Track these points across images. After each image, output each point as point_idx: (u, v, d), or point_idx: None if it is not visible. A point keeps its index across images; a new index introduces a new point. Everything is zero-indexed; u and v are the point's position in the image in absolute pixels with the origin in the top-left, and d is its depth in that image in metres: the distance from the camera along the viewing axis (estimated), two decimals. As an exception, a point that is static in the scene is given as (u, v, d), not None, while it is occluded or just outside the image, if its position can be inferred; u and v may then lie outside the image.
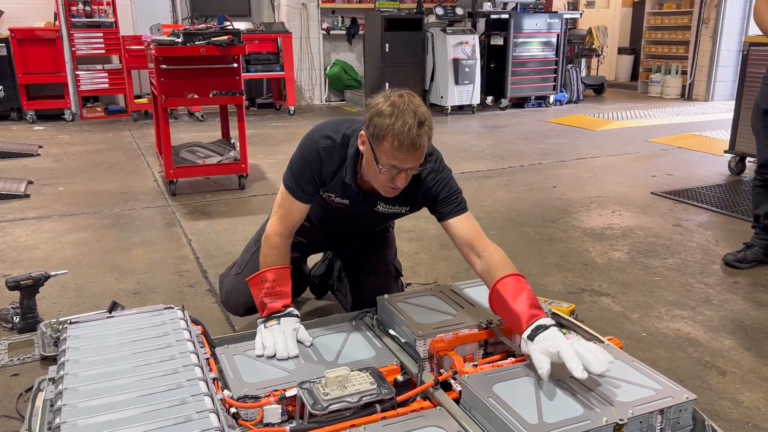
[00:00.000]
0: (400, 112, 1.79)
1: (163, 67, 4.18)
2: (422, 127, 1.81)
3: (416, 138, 1.79)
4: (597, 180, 5.05)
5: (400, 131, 1.78)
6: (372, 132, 1.83)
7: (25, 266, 3.20)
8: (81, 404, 1.42)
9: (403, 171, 1.88)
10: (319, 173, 2.08)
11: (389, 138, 1.80)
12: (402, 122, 1.78)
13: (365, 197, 2.14)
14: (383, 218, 2.37)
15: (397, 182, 1.92)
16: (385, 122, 1.79)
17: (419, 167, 1.92)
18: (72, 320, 1.82)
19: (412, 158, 1.84)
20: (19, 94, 7.79)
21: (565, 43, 9.15)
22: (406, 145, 1.79)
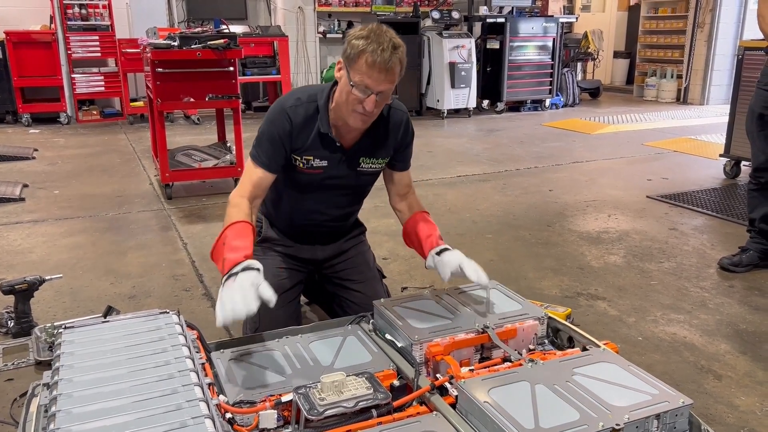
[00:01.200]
0: (376, 35, 1.92)
1: (159, 70, 4.17)
2: (396, 51, 1.91)
3: (389, 58, 1.89)
4: (593, 183, 5.06)
5: (374, 50, 1.89)
6: (348, 53, 1.95)
7: (19, 270, 3.19)
8: (75, 410, 1.41)
9: (372, 93, 1.95)
10: (289, 135, 2.11)
11: (363, 56, 1.90)
12: (377, 44, 1.90)
13: (347, 154, 2.18)
14: (365, 181, 2.35)
15: (366, 104, 1.97)
16: (360, 43, 1.91)
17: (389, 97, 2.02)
18: (67, 325, 1.81)
19: (383, 79, 1.93)
20: (15, 97, 7.78)
21: (561, 47, 9.18)
22: (378, 62, 1.89)
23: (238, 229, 1.96)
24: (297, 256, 2.44)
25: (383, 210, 4.03)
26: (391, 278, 3.14)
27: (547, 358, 1.79)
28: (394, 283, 3.06)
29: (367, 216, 2.59)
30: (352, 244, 2.53)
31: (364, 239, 2.61)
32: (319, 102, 2.11)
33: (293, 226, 2.40)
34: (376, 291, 2.47)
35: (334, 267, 2.49)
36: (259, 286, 1.76)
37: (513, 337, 1.99)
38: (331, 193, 2.30)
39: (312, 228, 2.41)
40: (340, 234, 2.49)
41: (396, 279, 3.11)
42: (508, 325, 1.99)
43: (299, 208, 2.35)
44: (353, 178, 2.26)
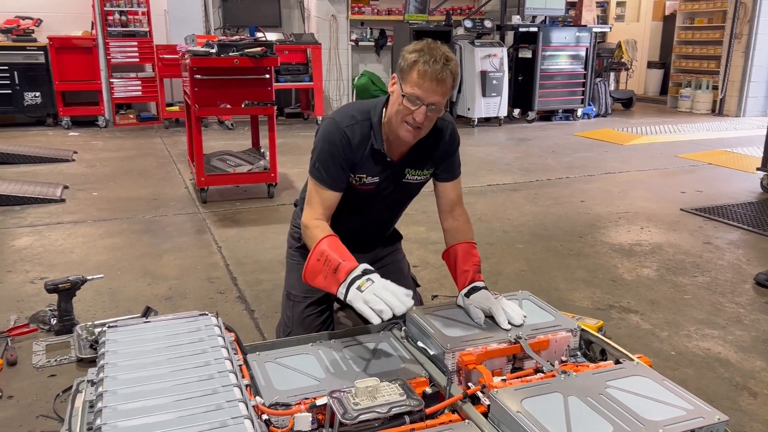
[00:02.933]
0: (429, 49, 1.96)
1: (197, 77, 4.27)
2: (448, 64, 1.94)
3: (441, 71, 1.93)
4: (625, 195, 5.02)
5: (426, 62, 1.93)
6: (401, 66, 1.99)
7: (60, 269, 3.29)
8: (121, 407, 1.46)
9: (423, 105, 1.97)
10: (349, 154, 2.13)
11: (416, 67, 1.94)
12: (430, 56, 1.93)
13: (394, 168, 2.20)
14: (410, 192, 2.38)
15: (416, 115, 1.99)
16: (414, 56, 1.95)
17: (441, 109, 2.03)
18: (110, 324, 1.87)
19: (433, 91, 1.95)
20: (56, 101, 8.00)
21: (593, 56, 9.12)
22: (430, 74, 1.92)
23: (333, 241, 2.01)
24: None
25: (414, 217, 4.06)
26: (421, 286, 3.16)
27: (580, 370, 1.79)
28: (425, 290, 3.08)
29: (398, 223, 2.62)
30: (388, 252, 2.57)
31: (399, 247, 2.64)
32: (373, 119, 2.14)
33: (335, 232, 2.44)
34: None
35: None
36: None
37: (545, 349, 1.99)
38: (378, 205, 2.34)
39: (353, 237, 2.44)
40: (380, 241, 2.53)
41: (426, 287, 3.13)
42: (541, 336, 1.99)
43: (344, 219, 2.38)
44: (399, 189, 2.29)
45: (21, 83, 7.84)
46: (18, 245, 3.71)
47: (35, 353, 2.44)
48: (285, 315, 2.48)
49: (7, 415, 2.06)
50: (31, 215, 4.32)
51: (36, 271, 3.30)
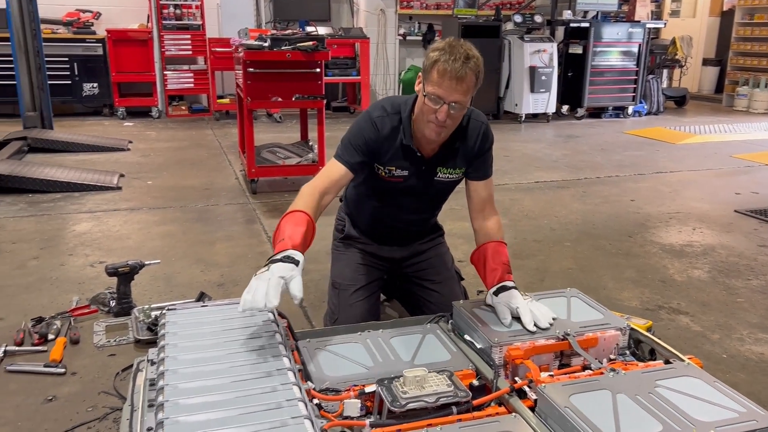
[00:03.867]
0: (452, 47, 1.96)
1: (250, 70, 4.36)
2: (468, 61, 1.94)
3: (461, 68, 1.92)
4: (677, 195, 4.92)
5: (446, 60, 1.93)
6: (425, 65, 2.01)
7: (118, 254, 3.42)
8: (181, 385, 1.53)
9: (445, 104, 1.98)
10: (374, 142, 2.17)
11: (437, 66, 1.95)
12: (450, 54, 1.94)
13: (424, 163, 2.22)
14: (442, 190, 2.39)
15: (438, 114, 2.00)
16: (435, 54, 1.96)
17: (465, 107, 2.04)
18: (169, 307, 1.95)
19: (454, 89, 1.96)
20: (112, 92, 8.26)
21: (646, 53, 8.92)
22: (449, 72, 1.93)
23: (294, 217, 1.96)
24: (376, 254, 2.53)
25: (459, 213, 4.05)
26: (466, 281, 3.17)
27: (629, 369, 1.79)
28: (470, 286, 3.09)
29: (443, 218, 2.64)
30: (430, 246, 2.60)
31: (442, 241, 2.66)
32: (403, 114, 2.18)
33: (373, 227, 2.50)
34: (453, 291, 2.52)
35: (412, 266, 2.56)
36: (291, 281, 1.73)
37: (594, 346, 1.99)
38: (409, 199, 2.37)
39: (390, 230, 2.49)
40: (418, 236, 2.56)
41: (472, 282, 3.13)
42: (590, 334, 1.99)
43: (379, 212, 2.44)
44: (430, 186, 2.32)
45: (80, 74, 8.12)
46: (78, 230, 3.88)
47: (96, 333, 2.55)
48: (331, 303, 2.53)
49: (72, 390, 2.17)
50: (90, 202, 4.49)
51: (95, 255, 3.44)
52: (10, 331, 2.54)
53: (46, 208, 4.34)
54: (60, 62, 7.89)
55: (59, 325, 2.57)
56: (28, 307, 2.79)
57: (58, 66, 7.82)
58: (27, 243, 3.62)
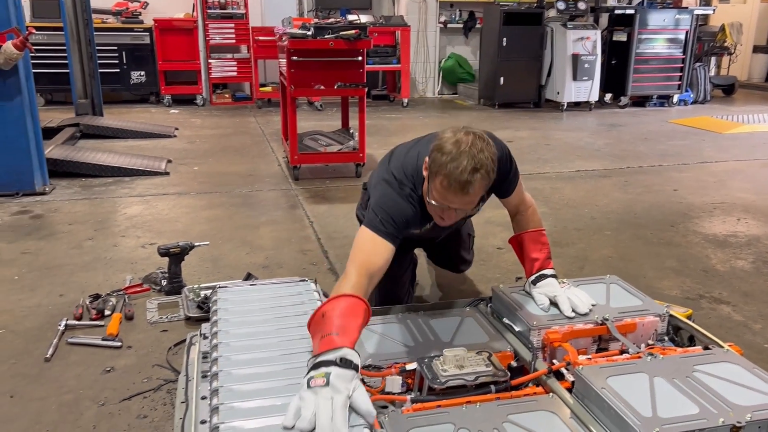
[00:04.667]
0: (459, 153, 1.76)
1: (294, 58, 4.44)
2: (475, 173, 1.75)
3: (466, 183, 1.76)
4: (721, 185, 4.83)
5: (452, 173, 1.75)
6: (430, 166, 1.84)
7: (167, 236, 3.55)
8: (234, 357, 1.62)
9: (451, 209, 1.88)
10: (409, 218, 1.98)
11: (440, 176, 1.78)
12: (456, 164, 1.75)
13: None
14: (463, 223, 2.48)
15: (445, 216, 1.93)
16: (441, 159, 1.78)
17: (471, 209, 1.92)
18: (221, 285, 2.05)
19: (459, 200, 1.83)
20: (158, 80, 8.47)
21: (694, 40, 8.70)
22: (454, 187, 1.77)
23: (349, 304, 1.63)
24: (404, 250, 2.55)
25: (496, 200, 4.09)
26: (505, 268, 3.21)
27: (667, 354, 1.81)
28: (509, 272, 3.13)
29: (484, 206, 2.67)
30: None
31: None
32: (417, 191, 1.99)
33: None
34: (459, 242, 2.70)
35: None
36: (355, 393, 1.44)
37: (632, 332, 2.02)
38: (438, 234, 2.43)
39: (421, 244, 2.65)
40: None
41: (510, 269, 3.17)
42: (628, 319, 2.02)
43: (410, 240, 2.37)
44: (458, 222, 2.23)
45: (128, 63, 8.35)
46: (129, 213, 4.03)
47: (148, 310, 2.68)
48: None
49: (128, 362, 2.29)
50: (139, 186, 4.66)
51: (146, 237, 3.58)
52: (69, 307, 2.68)
53: (98, 191, 4.52)
54: (109, 51, 8.13)
55: (114, 301, 2.70)
56: (85, 285, 2.94)
57: (107, 55, 8.06)
58: (82, 225, 3.79)
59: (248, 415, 1.39)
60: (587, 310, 2.03)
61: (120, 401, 2.06)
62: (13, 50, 3.91)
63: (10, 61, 3.96)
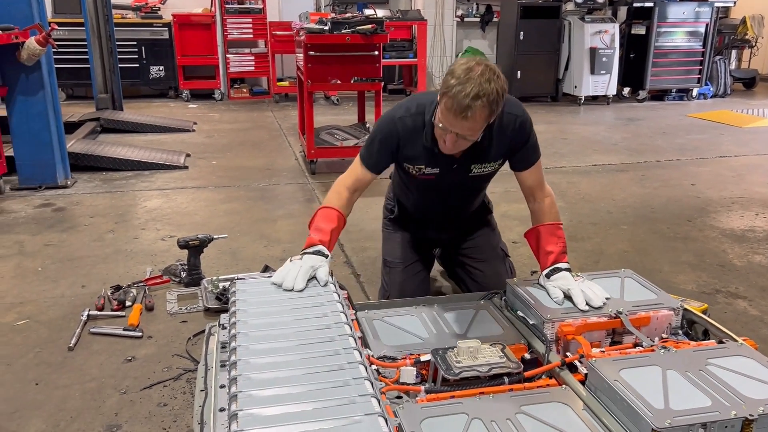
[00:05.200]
0: (467, 79, 1.85)
1: (311, 53, 4.47)
2: (477, 100, 1.84)
3: (466, 108, 1.85)
4: (740, 180, 4.79)
5: (456, 95, 1.85)
6: (441, 87, 1.95)
7: (186, 229, 3.61)
8: (252, 346, 1.66)
9: (451, 133, 1.97)
10: (397, 143, 2.19)
11: (445, 98, 1.90)
12: (461, 88, 1.85)
13: (455, 162, 2.21)
14: (481, 182, 2.42)
15: (446, 140, 2.01)
16: (449, 82, 1.89)
17: (476, 138, 2.02)
18: (239, 277, 2.09)
19: (459, 125, 1.92)
20: (177, 75, 8.56)
21: (714, 33, 8.60)
22: (454, 109, 1.87)
23: (326, 213, 2.16)
24: (424, 236, 2.60)
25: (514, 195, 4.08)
26: (521, 261, 3.22)
27: (681, 347, 1.82)
28: (524, 266, 3.14)
29: (498, 200, 2.69)
30: (476, 226, 2.65)
31: (489, 219, 2.71)
32: (426, 116, 2.15)
33: (418, 212, 2.58)
34: (497, 270, 2.57)
35: (459, 246, 2.64)
36: (319, 269, 1.99)
37: (646, 325, 2.02)
38: (447, 191, 2.41)
39: (435, 215, 2.57)
40: (463, 219, 2.62)
41: (526, 263, 3.18)
42: (642, 313, 2.02)
43: (422, 200, 2.51)
44: (467, 181, 2.34)
45: (147, 58, 8.45)
46: (149, 206, 4.10)
47: (168, 301, 2.73)
48: (384, 281, 2.63)
49: (148, 352, 2.35)
50: (159, 180, 4.73)
51: (166, 230, 3.64)
52: (91, 298, 2.75)
53: (119, 185, 4.60)
54: (129, 46, 8.23)
55: (135, 293, 2.76)
56: (107, 276, 3.00)
57: (127, 50, 8.16)
58: (103, 217, 3.87)
59: (266, 403, 1.43)
60: (601, 304, 2.03)
61: (141, 389, 2.11)
62: (36, 46, 3.98)
63: (33, 57, 4.04)
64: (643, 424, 1.47)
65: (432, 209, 2.54)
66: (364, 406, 1.42)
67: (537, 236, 2.26)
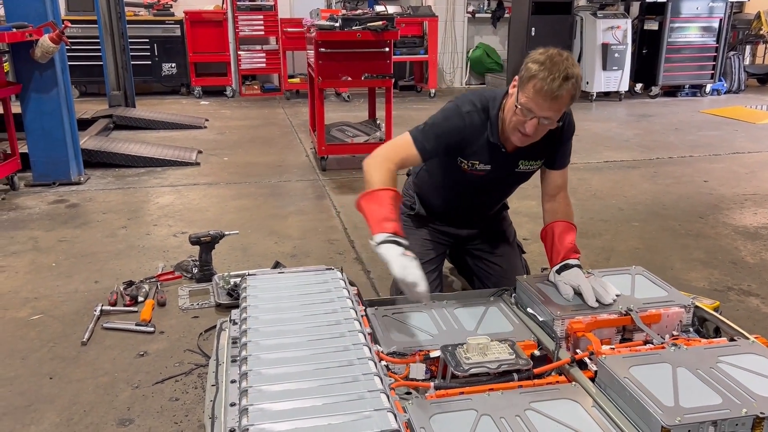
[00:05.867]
0: (553, 63, 1.94)
1: (321, 50, 4.48)
2: (566, 82, 1.93)
3: (557, 89, 1.92)
4: (753, 177, 4.75)
5: (545, 78, 1.92)
6: (522, 75, 2.00)
7: (198, 225, 3.63)
8: (262, 342, 1.67)
9: (535, 117, 1.99)
10: (460, 137, 2.19)
11: (533, 81, 1.95)
12: (549, 72, 1.92)
13: (507, 158, 2.24)
14: (521, 179, 2.42)
15: (527, 127, 2.03)
16: (535, 67, 1.95)
17: (555, 122, 2.04)
18: (250, 273, 2.10)
19: (547, 107, 1.97)
20: (189, 71, 8.60)
21: (728, 28, 8.52)
22: (545, 91, 1.93)
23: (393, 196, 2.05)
24: (443, 232, 2.60)
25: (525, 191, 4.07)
26: (531, 258, 3.20)
27: (691, 345, 1.81)
28: (534, 263, 3.13)
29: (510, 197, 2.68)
30: (496, 222, 2.65)
31: (505, 215, 2.72)
32: (491, 111, 2.19)
33: (445, 210, 2.57)
34: (514, 265, 2.58)
35: (474, 242, 2.63)
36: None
37: (656, 322, 2.02)
38: (489, 190, 2.43)
39: (463, 212, 2.56)
40: (486, 216, 2.62)
41: (536, 260, 3.17)
42: (653, 310, 2.02)
43: (456, 198, 2.51)
44: (511, 177, 2.36)
45: (159, 55, 8.49)
46: (161, 202, 4.13)
47: (180, 297, 2.76)
48: None
49: (161, 347, 2.37)
50: (171, 176, 4.76)
51: (177, 226, 3.67)
52: (104, 293, 2.78)
53: (131, 181, 4.63)
54: (141, 43, 8.28)
55: (147, 288, 2.78)
56: (119, 272, 3.03)
57: (139, 47, 8.21)
58: (116, 213, 3.90)
59: (276, 398, 1.44)
60: (611, 301, 2.03)
61: (153, 384, 2.13)
62: (50, 44, 4.02)
63: (47, 54, 4.07)
64: (653, 422, 1.47)
65: (461, 206, 2.54)
66: (373, 401, 1.43)
67: (549, 233, 2.27)
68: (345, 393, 1.45)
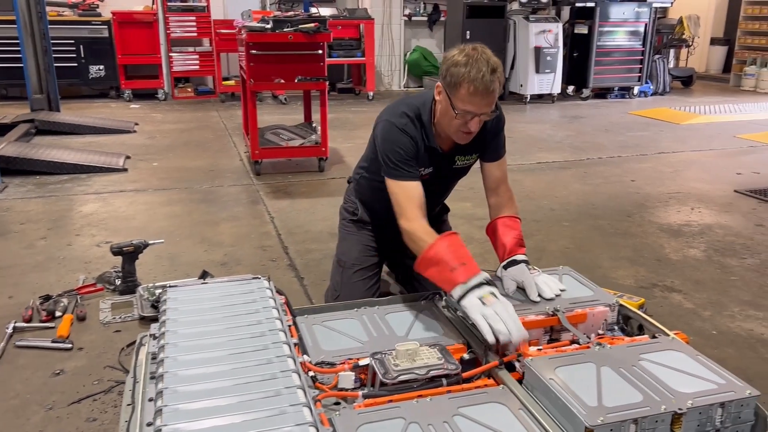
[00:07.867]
0: (474, 61, 1.95)
1: (253, 52, 4.39)
2: (494, 74, 1.96)
3: (489, 83, 1.95)
4: (677, 175, 4.94)
5: (475, 78, 1.93)
6: (448, 81, 2.00)
7: (124, 235, 3.49)
8: (181, 357, 1.60)
9: (477, 116, 2.02)
10: (415, 148, 2.19)
11: (465, 84, 1.95)
12: (476, 70, 1.93)
13: (444, 157, 2.27)
14: (459, 175, 2.45)
15: (470, 126, 2.05)
16: (460, 71, 1.95)
17: (491, 113, 2.07)
18: (171, 284, 2.02)
19: (485, 103, 2.00)
20: (118, 74, 8.30)
21: (653, 32, 8.86)
22: (480, 90, 1.95)
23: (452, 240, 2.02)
24: (384, 237, 2.57)
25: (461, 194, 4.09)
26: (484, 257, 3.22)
27: (615, 343, 1.84)
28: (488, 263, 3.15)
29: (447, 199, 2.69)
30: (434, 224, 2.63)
31: (445, 219, 2.73)
32: (424, 117, 2.19)
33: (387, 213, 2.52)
34: None
35: None
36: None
37: (582, 322, 2.04)
38: (430, 189, 2.40)
39: None
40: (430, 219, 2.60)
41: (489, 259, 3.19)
42: (579, 310, 2.05)
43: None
44: (450, 174, 2.39)
45: (86, 56, 8.16)
46: (85, 211, 3.95)
47: (101, 310, 2.63)
48: (334, 280, 2.59)
49: (79, 364, 2.25)
50: (96, 183, 4.56)
51: (101, 236, 3.51)
52: (19, 309, 2.62)
53: (53, 189, 4.42)
54: (66, 45, 7.93)
55: (66, 302, 2.64)
56: (37, 286, 2.87)
57: (64, 48, 7.86)
58: (35, 224, 3.70)
59: (193, 417, 1.37)
60: (553, 296, 2.06)
61: (69, 404, 2.02)
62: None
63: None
64: (576, 422, 1.48)
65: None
66: (295, 416, 1.38)
67: (495, 229, 2.29)
68: (266, 408, 1.40)
